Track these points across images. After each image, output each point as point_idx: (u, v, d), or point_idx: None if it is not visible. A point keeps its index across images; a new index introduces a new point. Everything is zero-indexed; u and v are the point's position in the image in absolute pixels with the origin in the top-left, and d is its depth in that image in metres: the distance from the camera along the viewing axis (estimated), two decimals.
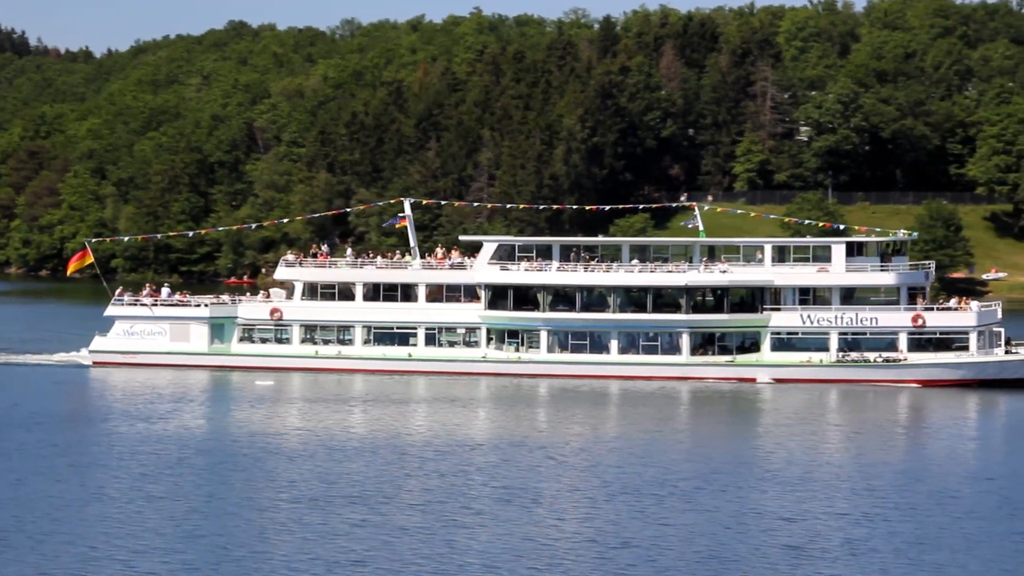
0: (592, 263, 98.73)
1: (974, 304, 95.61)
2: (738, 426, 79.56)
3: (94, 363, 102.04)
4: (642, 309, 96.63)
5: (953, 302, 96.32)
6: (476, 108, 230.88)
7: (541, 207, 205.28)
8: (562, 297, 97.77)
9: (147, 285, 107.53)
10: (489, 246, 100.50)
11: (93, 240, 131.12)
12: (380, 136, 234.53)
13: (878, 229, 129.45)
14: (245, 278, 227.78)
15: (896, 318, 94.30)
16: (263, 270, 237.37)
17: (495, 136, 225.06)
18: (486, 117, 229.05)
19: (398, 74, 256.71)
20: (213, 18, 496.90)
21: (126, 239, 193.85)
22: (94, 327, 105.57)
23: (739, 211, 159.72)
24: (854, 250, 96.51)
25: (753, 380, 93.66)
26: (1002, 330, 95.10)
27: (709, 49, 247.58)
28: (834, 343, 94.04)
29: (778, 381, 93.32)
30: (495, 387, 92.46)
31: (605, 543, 49.74)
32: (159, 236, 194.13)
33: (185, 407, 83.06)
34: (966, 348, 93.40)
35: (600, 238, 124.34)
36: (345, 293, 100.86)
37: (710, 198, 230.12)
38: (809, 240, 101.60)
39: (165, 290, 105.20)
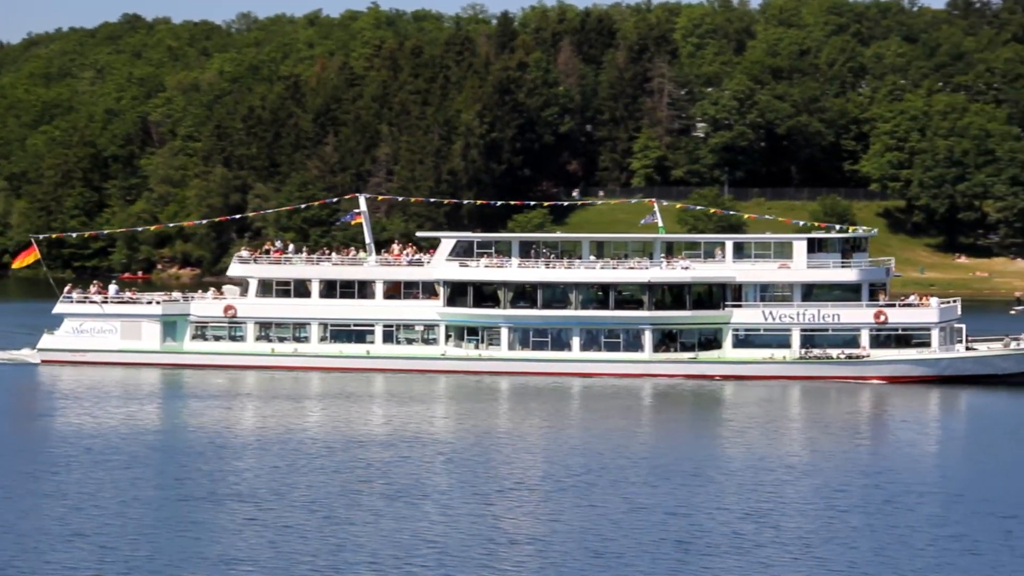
0: (553, 259, 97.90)
1: (934, 300, 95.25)
2: (666, 422, 79.53)
3: (42, 361, 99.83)
4: (604, 306, 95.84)
5: (913, 299, 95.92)
6: (374, 103, 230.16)
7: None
8: (523, 294, 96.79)
9: (95, 282, 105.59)
10: (447, 242, 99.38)
11: (41, 236, 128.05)
12: (277, 131, 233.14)
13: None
14: (140, 273, 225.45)
15: (858, 314, 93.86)
16: (158, 265, 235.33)
17: (393, 131, 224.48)
18: (384, 112, 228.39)
19: (295, 69, 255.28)
20: (107, 11, 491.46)
21: (74, 236, 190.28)
22: (39, 324, 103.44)
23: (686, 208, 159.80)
24: (815, 246, 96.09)
25: (715, 377, 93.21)
26: (963, 327, 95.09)
27: (606, 45, 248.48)
28: (796, 340, 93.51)
29: (740, 378, 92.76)
30: (450, 384, 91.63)
31: (495, 540, 49.61)
32: (105, 232, 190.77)
33: (123, 404, 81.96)
34: (927, 344, 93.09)
35: (560, 234, 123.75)
36: (301, 290, 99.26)
37: (601, 193, 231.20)
38: (770, 236, 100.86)
39: (113, 287, 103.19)
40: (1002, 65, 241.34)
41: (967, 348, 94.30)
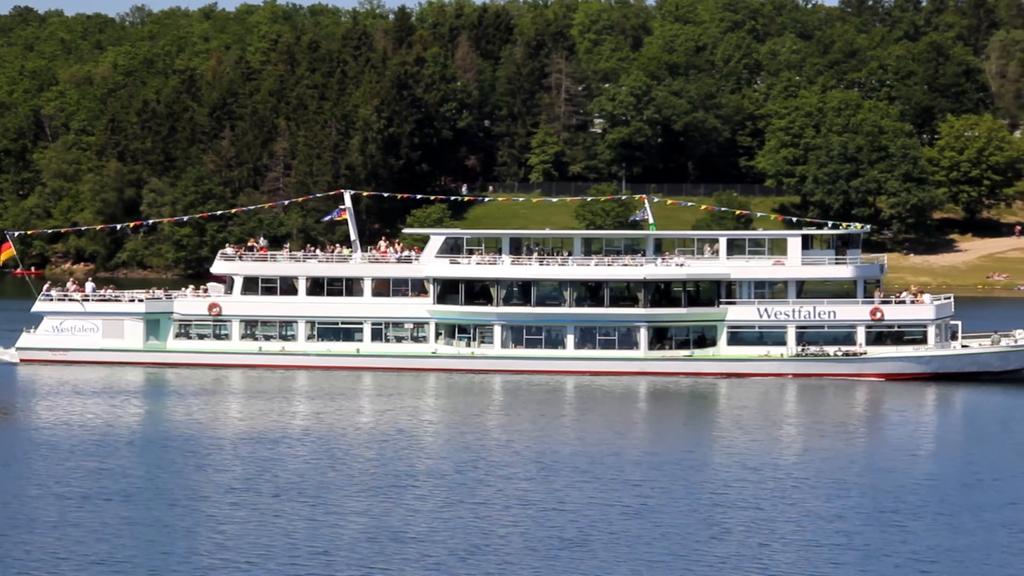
0: (546, 256, 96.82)
1: (927, 297, 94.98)
2: (608, 418, 79.29)
3: (21, 360, 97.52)
4: (599, 303, 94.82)
5: (906, 296, 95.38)
6: (271, 97, 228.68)
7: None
8: (516, 291, 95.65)
9: (71, 280, 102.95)
10: (436, 239, 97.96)
11: (16, 234, 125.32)
12: (173, 125, 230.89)
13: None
14: (33, 269, 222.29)
15: (854, 311, 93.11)
16: (51, 260, 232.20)
17: (291, 126, 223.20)
18: (281, 107, 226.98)
19: (190, 62, 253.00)
20: None
21: (49, 231, 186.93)
22: (15, 323, 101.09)
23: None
24: (809, 243, 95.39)
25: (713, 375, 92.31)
26: (959, 323, 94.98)
27: (504, 41, 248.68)
28: (791, 337, 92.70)
29: (736, 376, 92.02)
30: (435, 382, 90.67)
31: (378, 536, 49.22)
32: (83, 228, 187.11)
33: (102, 403, 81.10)
34: (923, 341, 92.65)
35: (549, 231, 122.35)
36: (287, 287, 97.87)
37: (491, 188, 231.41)
38: (764, 233, 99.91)
39: (89, 285, 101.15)
40: (894, 62, 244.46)
41: (963, 345, 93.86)
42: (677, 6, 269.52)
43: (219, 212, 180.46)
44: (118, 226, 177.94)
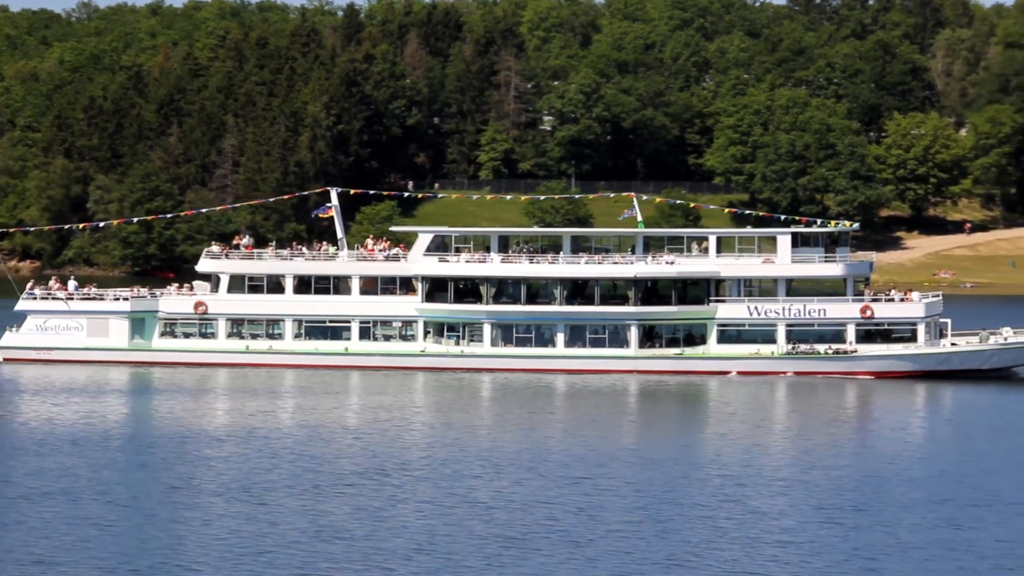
0: (536, 254, 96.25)
1: (915, 295, 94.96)
2: (573, 415, 79.11)
3: (4, 360, 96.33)
4: (589, 301, 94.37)
5: (896, 294, 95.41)
6: (219, 94, 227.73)
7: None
8: (505, 289, 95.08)
9: (53, 278, 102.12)
10: (424, 237, 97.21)
11: None
12: (120, 121, 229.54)
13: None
14: None
15: (845, 309, 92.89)
16: None
17: (239, 122, 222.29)
18: (229, 103, 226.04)
19: (138, 59, 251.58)
20: None
21: (32, 229, 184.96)
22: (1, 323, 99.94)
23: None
24: (798, 241, 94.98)
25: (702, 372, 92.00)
26: (948, 321, 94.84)
27: (453, 38, 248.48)
28: (782, 335, 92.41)
29: (727, 374, 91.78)
30: (423, 380, 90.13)
31: (317, 535, 49.03)
32: (66, 227, 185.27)
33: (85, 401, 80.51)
34: (912, 339, 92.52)
35: (538, 228, 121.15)
36: (274, 286, 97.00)
37: (437, 185, 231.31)
38: (754, 231, 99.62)
39: (72, 283, 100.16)
40: (842, 60, 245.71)
41: (952, 343, 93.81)
42: (626, 4, 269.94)
43: (191, 211, 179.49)
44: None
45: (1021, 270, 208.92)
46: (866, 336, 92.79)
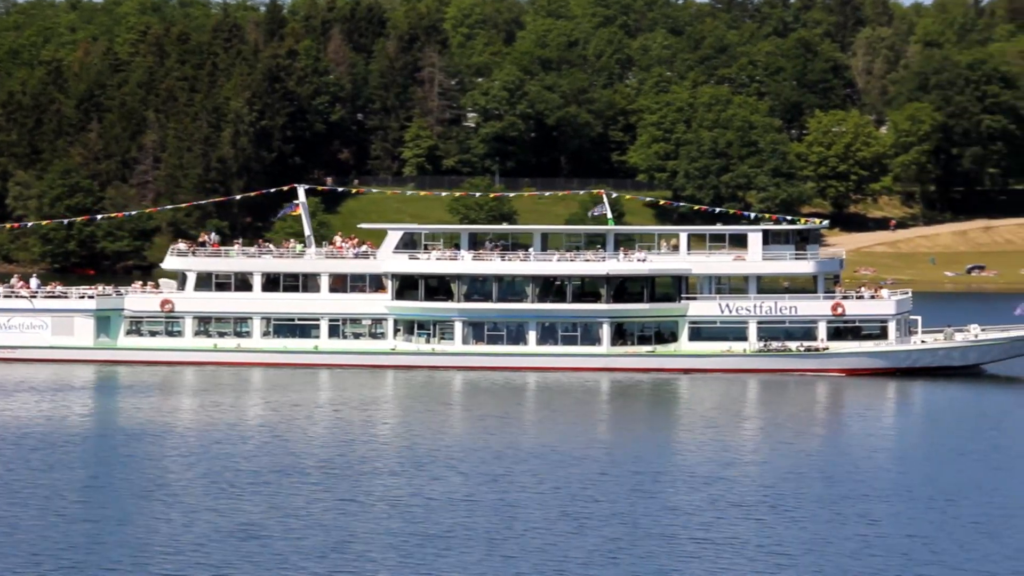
0: (508, 252, 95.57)
1: (884, 292, 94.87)
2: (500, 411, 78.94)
3: None
4: (561, 299, 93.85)
5: (865, 291, 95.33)
6: (140, 89, 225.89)
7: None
8: (477, 287, 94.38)
9: (16, 276, 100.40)
10: (393, 234, 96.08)
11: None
12: (39, 117, 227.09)
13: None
14: None
15: (816, 307, 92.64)
16: None
17: (160, 118, 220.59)
18: (150, 99, 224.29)
19: (57, 53, 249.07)
20: None
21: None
22: None
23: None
24: (769, 238, 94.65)
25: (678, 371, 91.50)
26: (918, 318, 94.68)
27: (377, 35, 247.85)
28: (753, 332, 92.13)
29: (698, 372, 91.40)
30: (394, 380, 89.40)
31: (231, 534, 48.74)
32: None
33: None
34: (884, 337, 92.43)
35: (509, 226, 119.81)
36: (241, 283, 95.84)
37: (356, 182, 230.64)
38: (725, 228, 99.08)
39: (34, 281, 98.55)
40: (763, 58, 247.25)
41: (922, 340, 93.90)
42: (549, 1, 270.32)
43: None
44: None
45: (941, 267, 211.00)
46: (836, 333, 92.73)
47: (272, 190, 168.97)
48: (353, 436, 69.09)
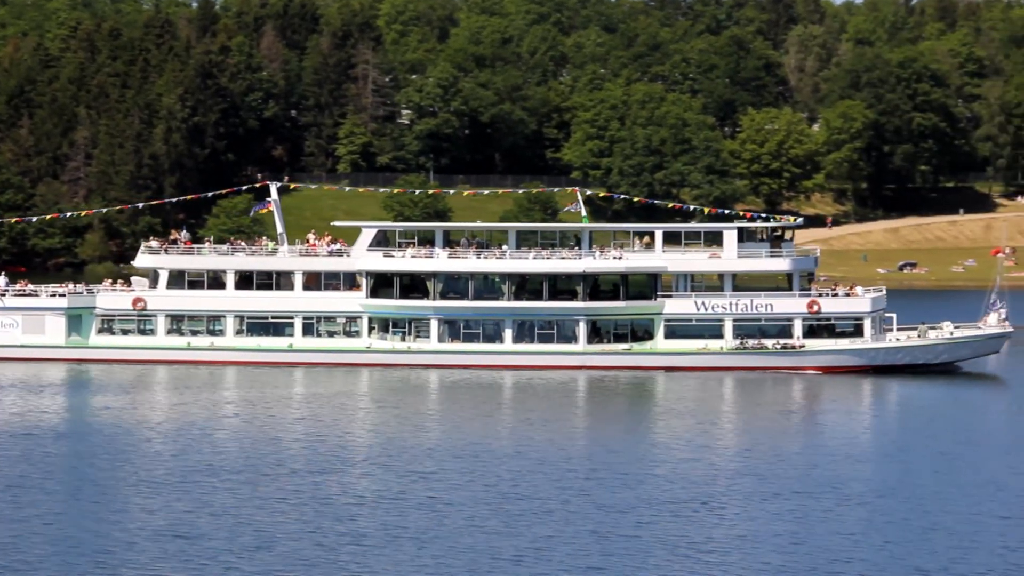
0: (484, 250, 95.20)
1: (859, 289, 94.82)
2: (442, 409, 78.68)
3: None
4: (537, 297, 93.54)
5: (839, 289, 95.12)
6: (71, 85, 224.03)
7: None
8: (453, 285, 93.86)
9: None
10: (367, 232, 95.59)
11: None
12: None
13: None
14: None
15: (791, 304, 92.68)
16: None
17: (91, 114, 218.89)
18: (82, 95, 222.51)
19: None
20: None
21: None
22: None
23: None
24: (744, 236, 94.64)
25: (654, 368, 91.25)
26: (894, 316, 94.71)
27: (310, 31, 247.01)
28: (728, 330, 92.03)
29: (675, 370, 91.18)
30: (370, 378, 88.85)
31: (158, 533, 48.50)
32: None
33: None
34: (859, 334, 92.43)
35: (482, 223, 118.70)
36: (214, 281, 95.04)
37: (287, 178, 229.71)
38: (700, 226, 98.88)
39: (1, 279, 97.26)
40: (697, 56, 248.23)
41: (896, 338, 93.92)
42: None
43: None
44: None
45: (873, 264, 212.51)
46: (810, 331, 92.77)
47: (243, 188, 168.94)
48: (283, 435, 68.77)
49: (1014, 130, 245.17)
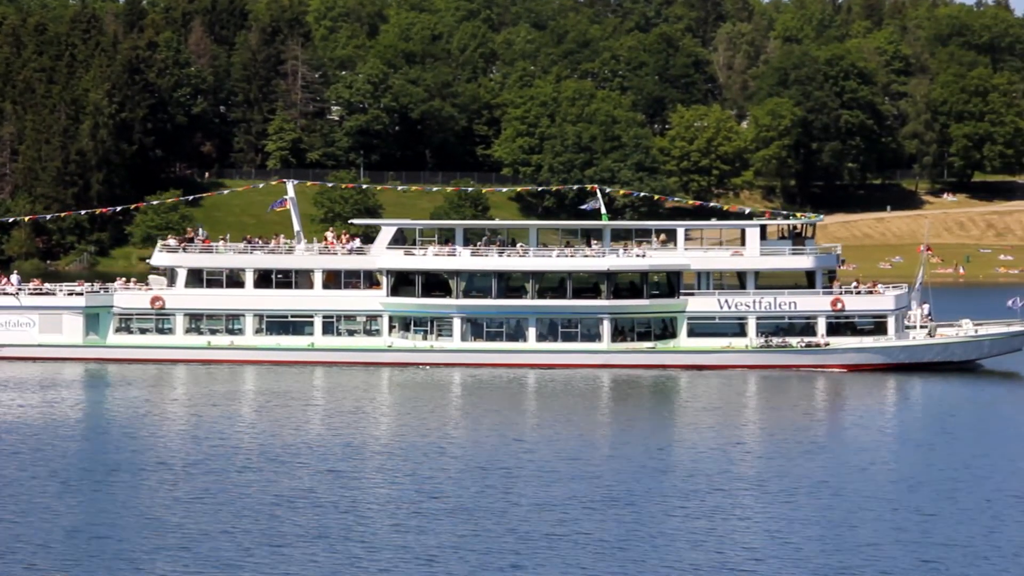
0: (507, 248, 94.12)
1: (880, 286, 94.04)
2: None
3: None
4: (560, 295, 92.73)
5: (859, 286, 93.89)
6: None
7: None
8: (475, 283, 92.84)
9: None
10: (387, 230, 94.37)
11: None
12: None
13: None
14: None
15: (815, 302, 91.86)
16: None
17: (17, 110, 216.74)
18: (7, 90, 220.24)
19: None
20: None
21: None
22: None
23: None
24: (765, 233, 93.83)
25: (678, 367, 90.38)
26: (918, 311, 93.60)
27: (239, 27, 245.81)
28: (752, 328, 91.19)
29: (699, 368, 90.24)
30: (389, 377, 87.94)
31: (65, 532, 48.10)
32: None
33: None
34: (882, 332, 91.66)
35: (500, 221, 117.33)
36: (233, 280, 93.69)
37: (207, 175, 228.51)
38: (723, 223, 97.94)
39: (15, 277, 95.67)
40: (626, 53, 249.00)
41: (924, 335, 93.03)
42: None
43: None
44: None
45: None
46: (833, 329, 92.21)
47: (261, 185, 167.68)
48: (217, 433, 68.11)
49: (940, 128, 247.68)
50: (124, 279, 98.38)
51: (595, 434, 69.77)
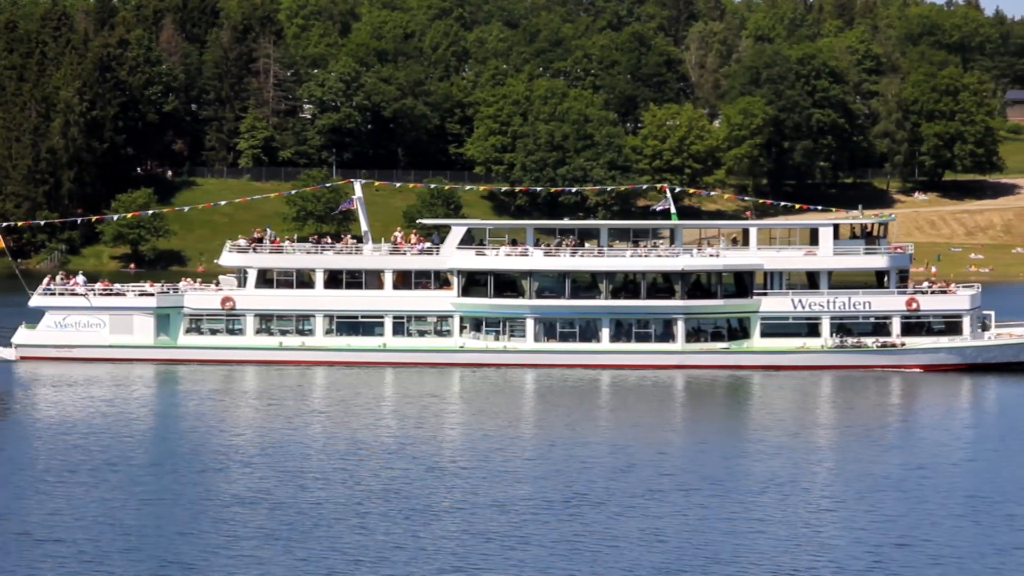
0: (580, 248, 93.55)
1: (953, 285, 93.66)
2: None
3: (20, 358, 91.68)
4: (634, 295, 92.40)
5: (928, 286, 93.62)
6: None
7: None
8: (548, 283, 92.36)
9: (62, 272, 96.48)
10: (457, 230, 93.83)
11: (3, 225, 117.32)
12: None
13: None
14: None
15: (890, 302, 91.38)
16: None
17: None
18: None
19: None
20: None
21: (43, 223, 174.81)
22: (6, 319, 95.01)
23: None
24: (838, 233, 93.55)
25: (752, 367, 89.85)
26: (991, 313, 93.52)
27: (210, 25, 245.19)
28: (826, 328, 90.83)
29: (773, 368, 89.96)
30: (464, 379, 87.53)
31: (22, 533, 47.94)
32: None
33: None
34: (957, 332, 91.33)
35: (573, 220, 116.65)
36: (303, 280, 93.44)
37: (169, 173, 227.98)
38: (795, 223, 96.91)
39: (81, 277, 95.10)
40: (598, 52, 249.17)
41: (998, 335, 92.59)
42: None
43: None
44: None
45: None
46: (907, 329, 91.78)
47: (328, 184, 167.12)
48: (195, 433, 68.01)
49: (911, 127, 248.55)
50: (189, 280, 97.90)
51: (706, 438, 68.43)
